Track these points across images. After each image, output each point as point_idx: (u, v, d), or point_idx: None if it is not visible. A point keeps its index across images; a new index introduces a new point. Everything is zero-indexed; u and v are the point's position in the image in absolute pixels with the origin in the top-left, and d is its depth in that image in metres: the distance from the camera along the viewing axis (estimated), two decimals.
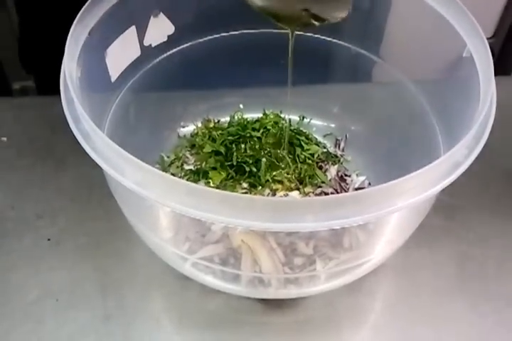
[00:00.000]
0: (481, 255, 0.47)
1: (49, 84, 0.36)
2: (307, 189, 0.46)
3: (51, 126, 0.54)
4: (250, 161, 0.45)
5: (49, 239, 0.47)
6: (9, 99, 0.56)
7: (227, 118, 0.53)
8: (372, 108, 0.53)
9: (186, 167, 0.48)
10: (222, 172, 0.46)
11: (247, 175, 0.45)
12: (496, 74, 0.36)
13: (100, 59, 0.42)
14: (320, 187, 0.46)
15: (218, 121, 0.53)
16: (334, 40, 0.50)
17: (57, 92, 0.44)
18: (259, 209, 0.29)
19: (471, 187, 0.51)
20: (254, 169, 0.45)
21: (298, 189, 0.46)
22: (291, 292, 0.41)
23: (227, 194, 0.29)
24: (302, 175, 0.46)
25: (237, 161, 0.46)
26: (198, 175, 0.47)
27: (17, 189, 0.50)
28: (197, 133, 0.51)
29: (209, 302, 0.44)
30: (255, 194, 0.44)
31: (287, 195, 0.45)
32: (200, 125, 0.53)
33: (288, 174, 0.46)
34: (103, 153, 0.32)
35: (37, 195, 0.50)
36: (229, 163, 0.46)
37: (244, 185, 0.45)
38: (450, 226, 0.49)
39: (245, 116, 0.53)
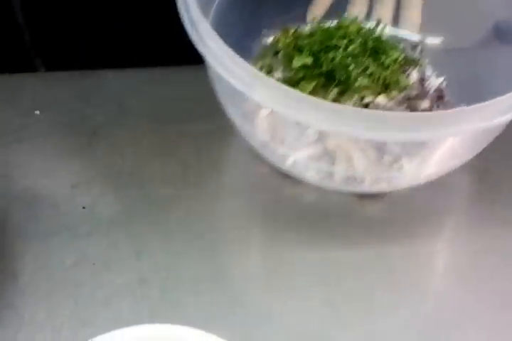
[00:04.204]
0: None
1: None
2: (394, 92, 0.45)
3: (83, 99, 0.52)
4: (340, 69, 0.45)
5: (84, 207, 0.47)
6: (40, 74, 0.57)
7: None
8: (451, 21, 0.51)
9: (276, 75, 0.47)
10: (313, 81, 0.45)
11: (336, 82, 0.45)
12: None
13: None
14: (404, 89, 0.46)
15: (296, 30, 0.50)
16: None
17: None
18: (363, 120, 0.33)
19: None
20: (344, 76, 0.45)
21: (384, 93, 0.45)
22: (381, 186, 0.44)
23: (325, 103, 0.34)
24: (388, 81, 0.45)
25: (327, 69, 0.44)
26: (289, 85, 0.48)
27: (51, 160, 0.48)
28: (278, 41, 0.49)
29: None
30: (345, 100, 0.45)
31: (375, 99, 0.45)
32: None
33: (374, 80, 0.45)
34: (217, 56, 0.35)
35: (71, 165, 0.48)
36: (318, 72, 0.45)
37: (334, 91, 0.45)
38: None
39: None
